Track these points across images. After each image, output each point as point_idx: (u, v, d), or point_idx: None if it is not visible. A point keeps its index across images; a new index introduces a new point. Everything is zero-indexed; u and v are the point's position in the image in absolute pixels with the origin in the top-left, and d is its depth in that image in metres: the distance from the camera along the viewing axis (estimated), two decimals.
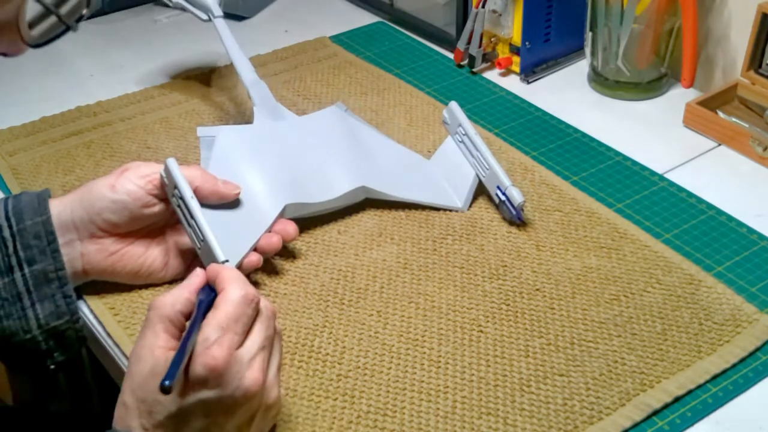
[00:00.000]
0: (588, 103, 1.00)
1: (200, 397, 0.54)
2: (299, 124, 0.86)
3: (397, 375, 0.67)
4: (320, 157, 0.82)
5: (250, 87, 0.88)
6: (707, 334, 0.69)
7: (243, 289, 0.57)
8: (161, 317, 0.57)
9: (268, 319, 0.58)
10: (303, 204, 0.78)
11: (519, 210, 0.79)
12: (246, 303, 0.57)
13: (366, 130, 0.88)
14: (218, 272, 0.59)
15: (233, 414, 0.56)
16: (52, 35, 0.61)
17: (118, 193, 0.69)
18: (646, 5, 0.94)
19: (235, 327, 0.56)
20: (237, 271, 0.60)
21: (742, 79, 0.94)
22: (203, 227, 0.69)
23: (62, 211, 0.69)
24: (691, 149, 0.92)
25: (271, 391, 0.58)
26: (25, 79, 1.06)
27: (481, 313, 0.72)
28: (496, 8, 1.02)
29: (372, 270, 0.76)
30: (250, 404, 0.56)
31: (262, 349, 0.57)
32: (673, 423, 0.63)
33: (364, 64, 1.07)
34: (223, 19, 0.94)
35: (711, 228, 0.80)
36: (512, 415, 0.63)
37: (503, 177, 0.80)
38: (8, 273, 0.67)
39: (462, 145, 0.84)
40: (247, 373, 0.55)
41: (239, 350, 0.56)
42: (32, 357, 0.68)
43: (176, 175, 0.69)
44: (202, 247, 0.69)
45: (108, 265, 0.71)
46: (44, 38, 0.61)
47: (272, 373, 0.58)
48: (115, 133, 0.95)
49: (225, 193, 0.74)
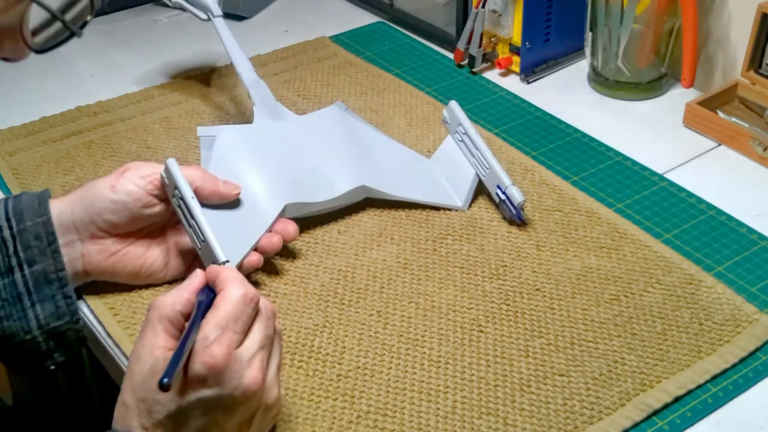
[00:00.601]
0: (588, 103, 1.00)
1: (199, 395, 0.54)
2: (299, 123, 0.86)
3: (397, 375, 0.67)
4: (320, 157, 0.82)
5: (250, 86, 0.88)
6: (707, 334, 0.69)
7: (242, 289, 0.57)
8: (161, 317, 0.57)
9: (267, 318, 0.58)
10: (303, 204, 0.78)
11: (519, 209, 0.79)
12: (245, 302, 0.57)
13: (366, 129, 0.88)
14: (218, 273, 0.59)
15: (233, 413, 0.56)
16: (56, 41, 0.61)
17: (119, 193, 0.69)
18: (646, 5, 0.94)
19: (234, 326, 0.56)
20: (236, 272, 0.60)
21: (742, 79, 0.94)
22: (204, 227, 0.69)
23: (62, 211, 0.69)
24: (691, 149, 0.92)
25: (270, 391, 0.58)
26: (25, 79, 1.06)
27: (481, 313, 0.72)
28: (496, 8, 1.02)
29: (372, 270, 0.76)
30: (249, 403, 0.56)
31: (261, 349, 0.57)
32: (673, 423, 0.63)
33: (364, 64, 1.07)
34: (222, 19, 0.94)
35: (711, 228, 0.80)
36: (512, 415, 0.63)
37: (503, 176, 0.80)
38: (8, 274, 0.67)
39: (462, 144, 0.84)
40: (246, 372, 0.55)
41: (239, 349, 0.56)
42: (32, 357, 0.68)
43: (177, 176, 0.69)
44: (203, 248, 0.69)
45: (109, 265, 0.71)
46: (49, 44, 0.61)
47: (272, 372, 0.58)
48: (115, 133, 0.95)
49: (225, 193, 0.74)
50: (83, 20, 0.60)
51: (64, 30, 0.59)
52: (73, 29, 0.59)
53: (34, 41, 0.60)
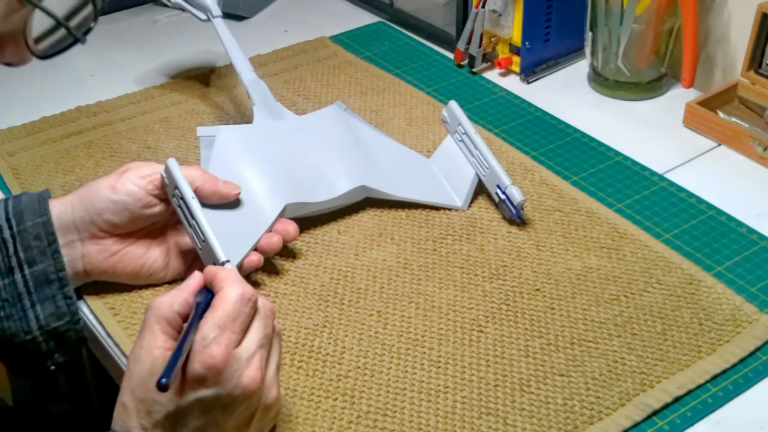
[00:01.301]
0: (588, 103, 1.00)
1: (198, 395, 0.54)
2: (299, 123, 0.86)
3: (397, 375, 0.67)
4: (320, 157, 0.82)
5: (250, 86, 0.88)
6: (707, 334, 0.69)
7: (240, 289, 0.57)
8: (158, 318, 0.57)
9: (266, 317, 0.58)
10: (303, 204, 0.78)
11: (519, 209, 0.79)
12: (243, 302, 0.57)
13: (366, 129, 0.88)
14: (215, 273, 0.59)
15: (231, 413, 0.56)
16: (60, 47, 0.61)
17: (119, 193, 0.69)
18: (646, 5, 0.94)
19: (232, 326, 0.56)
20: (234, 272, 0.60)
21: (742, 79, 0.94)
22: (204, 227, 0.69)
23: (63, 211, 0.69)
24: (691, 149, 0.92)
25: (270, 390, 0.58)
26: (25, 79, 1.06)
27: (481, 313, 0.72)
28: (496, 8, 1.02)
29: (372, 270, 0.76)
30: (248, 403, 0.56)
31: (260, 348, 0.57)
32: (673, 423, 0.63)
33: (364, 64, 1.07)
34: (222, 19, 0.94)
35: (711, 228, 0.80)
36: (512, 415, 0.63)
37: (503, 176, 0.80)
38: (8, 274, 0.67)
39: (462, 144, 0.84)
40: (245, 371, 0.55)
41: (237, 349, 0.56)
42: (32, 358, 0.68)
43: (177, 176, 0.69)
44: (203, 248, 0.69)
45: (109, 265, 0.71)
46: (52, 50, 0.61)
47: (271, 372, 0.58)
48: (115, 133, 0.95)
49: (225, 192, 0.74)
50: (87, 27, 0.60)
51: (68, 36, 0.59)
52: (77, 35, 0.59)
53: (38, 48, 0.60)
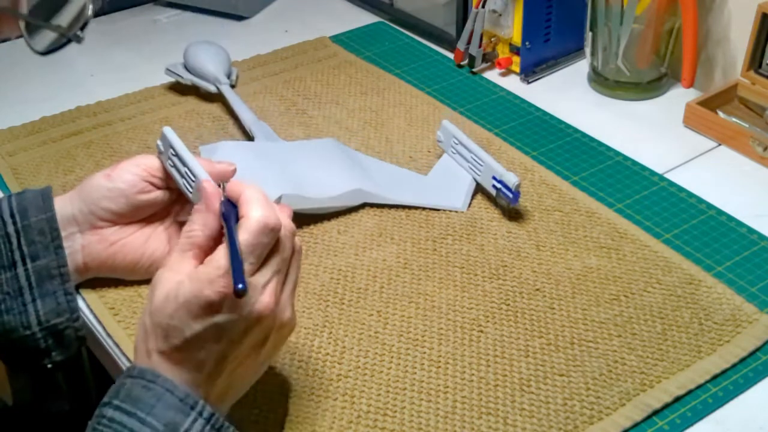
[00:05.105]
0: (588, 103, 1.00)
1: (214, 320, 0.55)
2: (299, 143, 0.88)
3: (397, 375, 0.67)
4: (320, 167, 0.84)
5: (252, 125, 0.91)
6: (707, 334, 0.69)
7: (264, 217, 0.57)
8: (192, 245, 0.58)
9: (286, 238, 0.58)
10: (300, 197, 0.78)
11: (516, 192, 0.79)
12: (265, 232, 0.57)
13: (362, 155, 0.90)
14: (241, 192, 0.59)
15: (246, 335, 0.57)
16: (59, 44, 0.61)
17: (114, 181, 0.70)
18: (646, 5, 0.94)
19: (250, 257, 0.56)
20: (260, 192, 0.59)
21: (742, 79, 0.94)
22: (195, 168, 0.67)
23: (63, 206, 0.70)
24: (691, 149, 0.92)
25: (284, 312, 0.58)
26: (25, 79, 1.06)
27: (481, 313, 0.72)
28: (496, 8, 1.02)
29: (372, 270, 0.76)
30: (262, 325, 0.57)
31: (276, 273, 0.58)
32: (673, 423, 0.63)
33: (364, 64, 1.07)
34: (229, 86, 0.98)
35: (711, 228, 0.80)
36: (512, 415, 0.63)
37: (496, 166, 0.80)
38: (11, 268, 0.67)
39: (457, 155, 0.85)
40: (260, 297, 0.56)
41: (253, 277, 0.56)
42: (31, 355, 0.68)
43: (171, 137, 0.69)
44: (194, 188, 0.67)
45: (108, 255, 0.71)
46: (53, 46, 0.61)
47: (286, 294, 0.59)
48: (115, 133, 0.95)
49: (221, 170, 0.71)
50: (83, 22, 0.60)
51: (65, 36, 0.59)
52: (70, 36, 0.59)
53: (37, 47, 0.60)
